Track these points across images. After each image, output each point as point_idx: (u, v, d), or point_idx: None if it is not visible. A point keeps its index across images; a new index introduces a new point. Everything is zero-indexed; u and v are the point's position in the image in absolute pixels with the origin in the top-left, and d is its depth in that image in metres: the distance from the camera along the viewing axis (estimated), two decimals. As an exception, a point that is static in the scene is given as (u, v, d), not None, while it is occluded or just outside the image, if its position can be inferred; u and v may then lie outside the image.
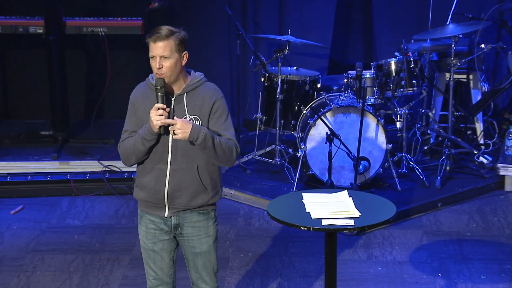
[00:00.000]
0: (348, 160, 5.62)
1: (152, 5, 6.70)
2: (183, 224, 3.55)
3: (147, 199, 3.54)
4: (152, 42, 3.41)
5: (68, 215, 5.66)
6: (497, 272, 4.76)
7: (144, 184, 3.52)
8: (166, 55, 3.39)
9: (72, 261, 4.95)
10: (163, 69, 3.40)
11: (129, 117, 3.54)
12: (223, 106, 3.50)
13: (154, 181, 3.49)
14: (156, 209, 3.54)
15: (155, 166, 3.48)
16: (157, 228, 3.56)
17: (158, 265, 3.60)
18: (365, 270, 4.82)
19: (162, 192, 3.49)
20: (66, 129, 6.53)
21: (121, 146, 3.53)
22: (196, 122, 3.45)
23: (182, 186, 3.48)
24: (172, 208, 3.52)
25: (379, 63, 5.92)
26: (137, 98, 3.51)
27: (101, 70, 6.80)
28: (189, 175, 3.47)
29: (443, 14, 6.33)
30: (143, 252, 3.62)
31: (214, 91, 3.51)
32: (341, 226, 3.40)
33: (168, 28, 3.41)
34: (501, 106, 6.88)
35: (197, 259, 3.59)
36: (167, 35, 3.39)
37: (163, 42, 3.39)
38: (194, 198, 3.50)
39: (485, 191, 5.91)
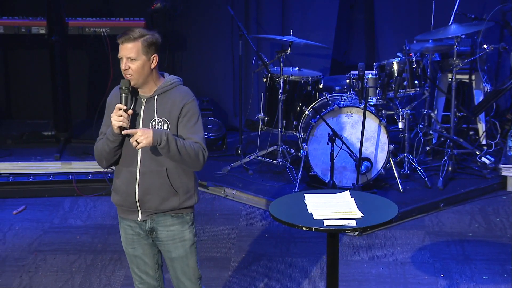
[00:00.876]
0: (350, 160, 5.62)
1: (154, 6, 6.70)
2: (157, 228, 3.53)
3: (120, 203, 3.53)
4: (120, 43, 3.42)
5: (70, 215, 5.66)
6: (499, 272, 4.75)
7: (117, 187, 3.53)
8: (132, 56, 3.39)
9: (74, 261, 4.96)
10: (129, 70, 3.40)
11: (104, 119, 3.54)
12: (193, 109, 3.45)
13: (126, 185, 3.49)
14: (130, 213, 3.53)
15: (126, 169, 3.48)
16: (134, 233, 3.55)
17: (142, 270, 3.59)
18: (367, 270, 4.82)
19: (133, 196, 3.48)
20: (69, 130, 6.53)
21: (94, 148, 3.54)
22: (164, 125, 3.43)
23: (152, 189, 3.46)
24: (144, 211, 3.50)
25: (381, 64, 5.92)
26: (112, 100, 3.52)
27: (103, 70, 6.80)
28: (159, 178, 3.45)
29: (446, 14, 6.32)
30: (127, 257, 3.63)
31: (185, 94, 3.47)
32: (343, 226, 3.40)
33: (139, 31, 3.41)
34: (503, 106, 6.87)
35: (174, 264, 3.56)
36: (134, 37, 3.38)
37: (130, 43, 3.39)
38: (165, 201, 3.48)
39: (487, 191, 5.91)
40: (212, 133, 6.57)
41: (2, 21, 6.45)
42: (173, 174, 3.46)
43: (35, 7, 6.60)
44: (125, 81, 3.42)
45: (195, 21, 7.07)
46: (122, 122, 3.37)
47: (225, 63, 7.10)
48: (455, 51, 6.02)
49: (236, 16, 6.38)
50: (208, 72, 7.14)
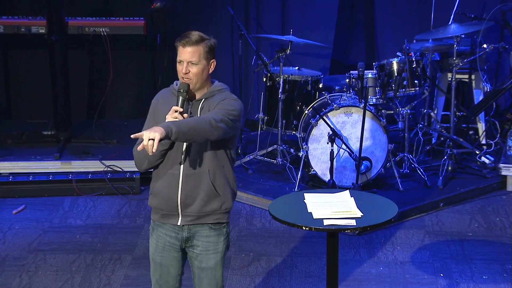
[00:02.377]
0: (350, 160, 5.62)
1: (154, 5, 6.70)
2: (194, 237, 3.49)
3: (160, 206, 3.48)
4: (181, 46, 3.40)
5: (70, 215, 5.66)
6: (499, 272, 4.76)
7: (157, 191, 3.48)
8: (194, 61, 3.39)
9: (74, 261, 4.96)
10: (190, 74, 3.39)
11: (147, 121, 3.51)
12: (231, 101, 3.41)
13: (167, 187, 3.45)
14: (169, 218, 3.48)
15: (168, 172, 3.44)
16: (167, 243, 3.51)
17: (164, 278, 3.56)
18: (367, 270, 4.82)
19: (176, 199, 3.43)
20: (69, 129, 6.54)
21: (135, 149, 3.47)
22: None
23: (195, 191, 3.43)
24: (185, 215, 3.46)
25: (381, 63, 5.92)
26: (158, 102, 3.49)
27: (103, 70, 6.81)
28: (202, 180, 3.43)
29: (445, 14, 6.32)
30: (151, 263, 3.57)
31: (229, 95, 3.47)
32: (343, 226, 3.40)
33: (198, 34, 3.42)
34: (503, 106, 6.87)
35: (202, 274, 3.53)
36: (197, 41, 3.39)
37: (192, 47, 3.38)
38: (207, 203, 3.45)
39: (487, 191, 5.90)
40: (212, 132, 6.56)
41: (2, 21, 6.46)
42: (215, 176, 3.44)
43: (35, 7, 6.60)
44: (184, 85, 3.39)
45: (195, 20, 7.06)
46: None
47: (225, 63, 7.09)
48: (455, 51, 6.02)
49: (236, 16, 6.38)
50: (208, 71, 7.13)
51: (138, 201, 5.87)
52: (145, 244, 5.16)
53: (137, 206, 5.80)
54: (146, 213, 5.66)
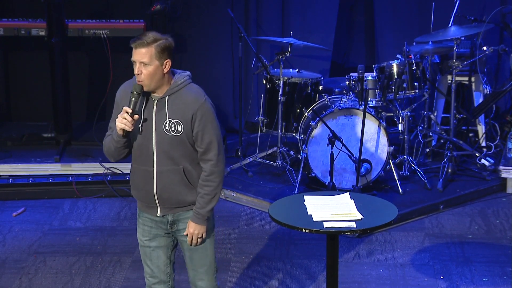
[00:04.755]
0: (349, 162, 5.62)
1: (154, 8, 6.70)
2: (179, 220, 3.58)
3: (140, 198, 3.61)
4: (133, 47, 3.42)
5: (70, 217, 5.66)
6: (499, 274, 4.75)
7: (135, 184, 3.60)
8: (145, 61, 3.39)
9: (74, 263, 4.95)
10: (142, 75, 3.40)
11: (113, 114, 3.55)
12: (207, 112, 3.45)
13: (143, 182, 3.54)
14: (149, 208, 3.59)
15: (142, 168, 3.53)
16: (153, 226, 3.60)
17: (154, 263, 3.62)
18: (367, 272, 4.81)
19: (152, 193, 3.53)
20: (68, 132, 6.54)
21: (103, 142, 3.59)
22: (178, 126, 3.44)
23: (170, 186, 3.50)
24: (164, 207, 3.56)
25: (381, 66, 5.92)
26: (121, 96, 3.53)
27: (103, 72, 6.81)
28: (176, 176, 3.49)
29: (445, 16, 6.33)
30: (140, 249, 3.66)
31: (196, 95, 3.46)
32: (342, 228, 3.40)
33: (152, 35, 3.41)
34: (503, 108, 6.87)
35: (193, 255, 3.61)
36: (148, 42, 3.39)
37: (144, 48, 3.39)
38: (184, 196, 3.52)
39: (487, 193, 5.90)
40: (212, 135, 6.56)
41: (2, 23, 6.46)
42: (190, 171, 3.50)
43: (35, 9, 6.60)
44: (137, 86, 3.42)
45: (195, 23, 7.06)
46: (125, 125, 3.40)
47: (224, 65, 7.10)
48: (454, 53, 6.03)
49: (236, 18, 6.38)
50: (207, 74, 7.14)
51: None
52: (145, 247, 5.16)
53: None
54: (146, 216, 5.66)
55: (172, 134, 3.45)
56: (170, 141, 3.46)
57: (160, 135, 3.46)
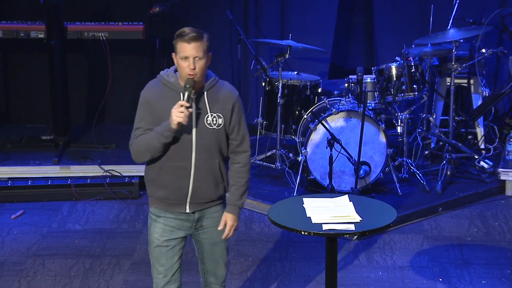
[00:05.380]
0: (348, 164, 5.62)
1: (153, 10, 6.70)
2: (204, 216, 3.62)
3: (168, 196, 3.57)
4: (185, 43, 3.44)
5: (69, 219, 5.66)
6: (498, 277, 4.75)
7: (164, 183, 3.55)
8: (200, 56, 3.44)
9: (72, 266, 4.95)
10: (196, 70, 3.44)
11: (142, 114, 3.53)
12: (241, 106, 3.59)
13: (177, 179, 3.53)
14: (176, 206, 3.58)
15: (176, 164, 3.51)
16: (176, 225, 3.60)
17: (169, 262, 3.63)
18: (366, 274, 4.81)
19: (186, 189, 3.54)
20: (67, 134, 6.53)
21: (134, 143, 3.53)
22: (219, 119, 3.52)
23: (205, 182, 3.54)
24: (194, 203, 3.57)
25: (380, 68, 5.92)
26: (153, 97, 3.52)
27: (102, 75, 6.81)
28: (211, 171, 3.54)
29: (444, 18, 6.33)
30: (155, 250, 3.62)
31: (231, 89, 3.59)
32: (341, 230, 3.40)
33: (197, 30, 3.48)
34: (502, 111, 6.88)
35: (215, 248, 3.67)
36: (200, 36, 3.45)
37: (197, 43, 3.44)
38: (215, 192, 3.58)
39: (486, 195, 5.91)
40: (211, 137, 6.57)
41: (1, 26, 6.45)
42: (222, 166, 3.59)
43: (34, 12, 6.60)
44: (190, 80, 3.45)
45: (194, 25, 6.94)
46: (182, 118, 3.40)
47: (224, 67, 7.10)
48: (453, 55, 6.03)
49: (235, 21, 6.38)
50: (207, 76, 7.13)
51: (137, 206, 5.87)
52: (144, 249, 5.16)
53: (136, 210, 5.80)
54: (144, 218, 5.65)
55: (213, 127, 3.50)
56: (211, 135, 3.50)
57: (201, 129, 3.49)
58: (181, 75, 3.48)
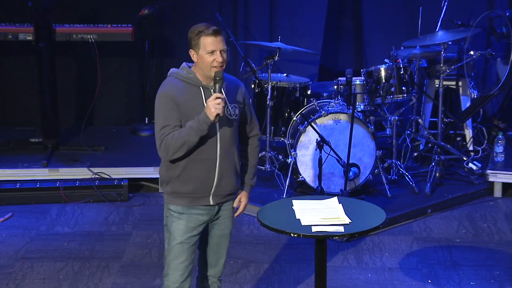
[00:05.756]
0: (338, 166, 5.63)
1: (142, 12, 6.70)
2: (221, 209, 3.69)
3: (194, 190, 3.60)
4: (212, 36, 3.51)
5: (58, 222, 5.64)
6: (487, 278, 4.77)
7: (191, 177, 3.57)
8: (225, 48, 3.54)
9: (61, 269, 4.93)
10: (223, 62, 3.52)
11: (169, 112, 3.52)
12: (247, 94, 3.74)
13: (204, 172, 3.57)
14: (200, 199, 3.62)
15: (203, 157, 3.56)
16: (198, 222, 3.64)
17: (189, 258, 3.67)
18: (355, 276, 4.82)
19: (212, 181, 3.58)
20: (56, 136, 6.51)
21: (166, 141, 3.52)
22: (236, 110, 3.61)
23: (227, 172, 3.61)
24: (217, 195, 3.62)
25: (369, 70, 5.94)
26: (176, 94, 3.54)
27: (91, 77, 6.80)
28: (232, 160, 3.62)
29: (433, 21, 6.36)
30: (177, 246, 3.62)
31: (237, 80, 3.72)
32: (331, 232, 3.40)
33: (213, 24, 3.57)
34: (490, 112, 6.91)
35: (223, 241, 3.75)
36: (220, 29, 3.55)
37: (221, 35, 3.53)
38: (234, 183, 3.66)
39: (474, 197, 5.93)
40: (200, 139, 6.56)
41: (-11, 28, 6.43)
42: (237, 156, 3.68)
43: (22, 14, 6.58)
44: (220, 72, 3.52)
45: (183, 27, 7.06)
46: (220, 110, 3.44)
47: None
48: (442, 58, 6.05)
49: (224, 23, 6.38)
50: (196, 78, 7.13)
51: (126, 208, 5.85)
52: (133, 251, 5.14)
53: (125, 213, 5.78)
54: (134, 220, 5.64)
55: (233, 117, 3.59)
56: (231, 125, 3.59)
57: (223, 120, 3.54)
58: (205, 69, 3.53)
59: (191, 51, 3.58)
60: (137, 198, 6.05)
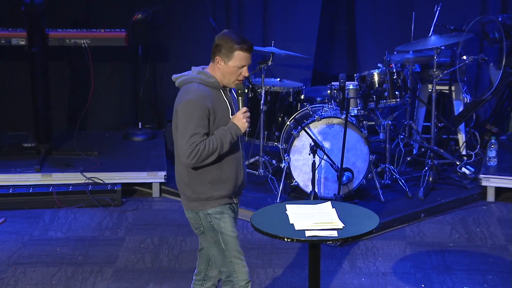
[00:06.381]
0: (331, 171, 5.63)
1: (136, 17, 6.69)
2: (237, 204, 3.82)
3: (227, 191, 3.67)
4: (247, 53, 3.59)
5: (51, 227, 5.62)
6: (480, 282, 4.78)
7: (227, 177, 3.65)
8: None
9: (54, 274, 4.91)
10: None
11: (199, 119, 3.54)
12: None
13: (235, 171, 3.66)
14: (230, 199, 3.71)
15: (233, 156, 3.65)
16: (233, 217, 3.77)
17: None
18: (349, 281, 4.82)
19: (240, 179, 3.70)
20: (49, 141, 6.49)
21: (199, 149, 3.54)
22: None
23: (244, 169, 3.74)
24: (239, 193, 3.75)
25: (362, 75, 5.95)
26: (205, 100, 3.57)
27: (84, 82, 6.78)
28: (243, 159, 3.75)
29: (426, 26, 6.38)
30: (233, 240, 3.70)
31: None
32: (324, 237, 3.40)
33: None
34: (483, 117, 6.93)
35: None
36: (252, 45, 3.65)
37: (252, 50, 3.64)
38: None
39: (467, 201, 5.94)
40: (194, 144, 6.55)
41: (-18, 32, 6.42)
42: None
43: (15, 19, 6.57)
44: (241, 85, 3.64)
45: (176, 32, 7.06)
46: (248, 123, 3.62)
47: (206, 74, 7.09)
48: (435, 62, 6.07)
49: (218, 27, 6.39)
50: (189, 83, 7.12)
51: (119, 213, 5.84)
52: (126, 256, 5.13)
53: (119, 218, 5.77)
54: (127, 225, 5.63)
55: None
56: None
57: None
58: (227, 80, 3.61)
59: (217, 57, 3.61)
60: (130, 203, 6.04)
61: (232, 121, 3.61)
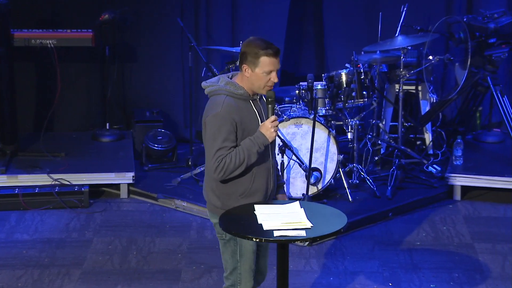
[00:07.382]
0: (300, 171, 5.64)
1: (103, 17, 6.64)
2: None
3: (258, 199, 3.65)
4: (273, 57, 3.52)
5: (17, 229, 5.55)
6: (447, 280, 4.83)
7: (256, 189, 3.64)
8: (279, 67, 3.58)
9: (20, 277, 4.86)
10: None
11: (226, 134, 3.50)
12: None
13: (265, 181, 3.65)
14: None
15: (264, 167, 3.62)
16: None
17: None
18: (317, 281, 4.83)
19: (271, 188, 3.68)
20: (15, 142, 6.41)
21: (225, 162, 3.49)
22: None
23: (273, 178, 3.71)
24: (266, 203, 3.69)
25: (330, 75, 5.97)
26: (233, 114, 3.51)
27: (51, 83, 6.71)
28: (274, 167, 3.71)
29: (392, 26, 6.42)
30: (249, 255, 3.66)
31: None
32: (293, 237, 3.41)
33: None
34: (449, 116, 7.00)
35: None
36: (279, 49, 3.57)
37: (279, 55, 3.56)
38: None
39: (434, 200, 6.00)
40: (162, 144, 6.53)
41: None
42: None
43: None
44: (271, 93, 3.54)
45: (144, 32, 7.02)
46: (276, 132, 3.54)
47: (175, 75, 7.07)
48: (402, 62, 6.12)
49: (186, 28, 6.37)
50: (158, 83, 7.10)
51: (87, 215, 5.79)
52: (94, 258, 5.09)
53: (86, 219, 5.72)
54: (95, 227, 5.58)
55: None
56: None
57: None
58: (257, 87, 3.53)
59: (244, 66, 3.53)
60: (98, 204, 5.99)
61: (259, 130, 3.52)
